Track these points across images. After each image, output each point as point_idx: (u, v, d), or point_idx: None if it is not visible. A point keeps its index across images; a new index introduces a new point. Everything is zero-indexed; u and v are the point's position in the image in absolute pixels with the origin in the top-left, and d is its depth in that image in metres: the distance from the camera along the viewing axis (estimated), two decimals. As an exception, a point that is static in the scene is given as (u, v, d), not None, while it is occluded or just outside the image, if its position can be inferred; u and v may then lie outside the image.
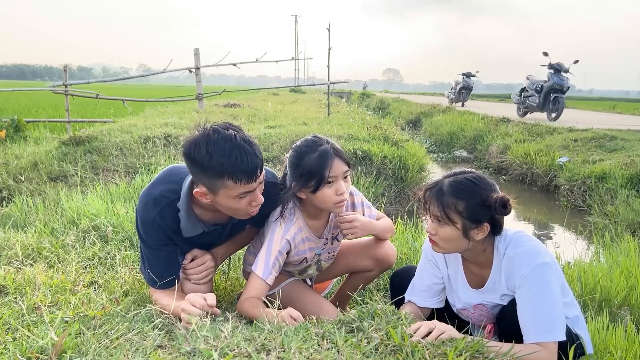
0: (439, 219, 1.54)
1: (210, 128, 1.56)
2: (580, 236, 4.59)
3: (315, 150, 1.70)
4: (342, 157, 1.71)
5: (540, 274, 1.47)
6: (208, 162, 1.51)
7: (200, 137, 1.54)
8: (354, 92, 36.11)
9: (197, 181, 1.61)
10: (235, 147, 1.52)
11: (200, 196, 1.62)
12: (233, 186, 1.55)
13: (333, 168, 1.68)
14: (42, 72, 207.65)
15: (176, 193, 1.71)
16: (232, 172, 1.52)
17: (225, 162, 1.51)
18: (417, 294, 1.79)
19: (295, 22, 67.70)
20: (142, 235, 1.74)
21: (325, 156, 1.68)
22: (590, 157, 6.40)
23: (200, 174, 1.57)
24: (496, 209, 1.48)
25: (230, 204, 1.61)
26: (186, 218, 1.72)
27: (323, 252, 2.00)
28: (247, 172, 1.53)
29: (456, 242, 1.55)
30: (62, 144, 5.39)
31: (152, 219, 1.69)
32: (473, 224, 1.51)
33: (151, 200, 1.70)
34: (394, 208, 4.99)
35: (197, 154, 1.53)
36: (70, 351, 1.33)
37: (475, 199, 1.50)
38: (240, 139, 1.54)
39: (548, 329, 1.43)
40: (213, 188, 1.58)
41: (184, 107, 10.04)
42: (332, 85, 9.34)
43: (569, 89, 10.48)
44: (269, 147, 5.58)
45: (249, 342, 1.34)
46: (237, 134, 1.55)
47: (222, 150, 1.51)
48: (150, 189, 1.74)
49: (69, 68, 8.66)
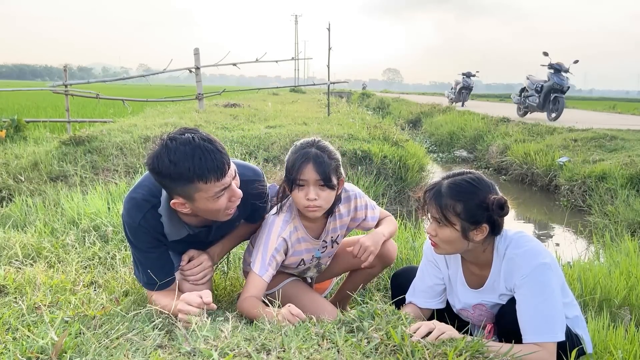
0: (438, 221, 1.55)
1: (167, 137, 1.54)
2: (580, 236, 4.59)
3: (299, 151, 1.71)
4: (318, 165, 1.68)
5: (540, 274, 1.47)
6: (174, 171, 1.50)
7: (160, 149, 1.52)
8: (354, 92, 36.10)
9: (170, 193, 1.60)
10: (196, 148, 1.50)
11: (178, 207, 1.60)
12: (206, 187, 1.53)
13: (304, 172, 1.68)
14: (42, 72, 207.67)
15: (157, 197, 1.69)
16: (200, 173, 1.50)
17: (190, 166, 1.49)
18: (418, 295, 1.79)
19: (295, 22, 67.70)
20: (131, 240, 1.73)
21: (301, 158, 1.68)
22: (590, 157, 6.40)
23: (171, 185, 1.55)
24: (494, 210, 1.48)
25: (209, 206, 1.59)
26: (169, 223, 1.70)
27: (323, 255, 1.99)
28: (214, 170, 1.51)
29: (456, 243, 1.55)
30: (62, 144, 5.39)
31: (137, 224, 1.67)
32: (472, 225, 1.51)
33: (134, 206, 1.68)
34: (394, 208, 4.99)
35: (162, 166, 1.51)
36: (70, 351, 1.33)
37: (473, 200, 1.50)
38: (199, 139, 1.52)
39: (547, 329, 1.43)
40: (188, 195, 1.56)
41: (184, 107, 10.04)
42: (332, 85, 9.33)
43: (569, 89, 10.47)
44: (269, 147, 5.58)
45: (249, 342, 1.34)
46: (195, 136, 1.53)
47: (184, 155, 1.49)
48: (132, 193, 1.72)
49: (69, 68, 8.66)
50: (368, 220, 2.01)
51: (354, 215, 1.97)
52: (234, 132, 6.25)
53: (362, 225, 2.03)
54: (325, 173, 1.69)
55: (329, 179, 1.70)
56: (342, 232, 2.00)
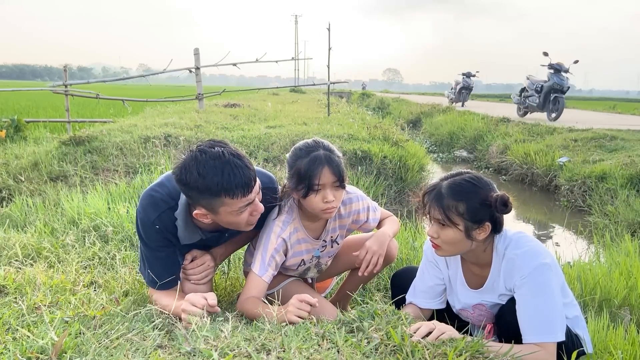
0: (441, 222, 1.54)
1: (196, 149, 1.55)
2: (580, 236, 4.59)
3: (307, 155, 1.68)
4: (333, 167, 1.68)
5: (540, 274, 1.47)
6: (202, 184, 1.51)
7: (189, 161, 1.53)
8: (354, 92, 36.10)
9: (194, 203, 1.61)
10: (225, 164, 1.51)
11: (200, 217, 1.62)
12: (231, 202, 1.55)
13: (321, 176, 1.66)
14: (42, 72, 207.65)
15: (175, 200, 1.70)
16: (227, 189, 1.51)
17: (218, 181, 1.50)
18: (418, 296, 1.79)
19: (295, 22, 67.70)
20: (142, 236, 1.74)
21: (315, 163, 1.66)
22: (590, 157, 6.40)
23: (196, 197, 1.56)
24: (497, 207, 1.48)
25: (232, 219, 1.61)
26: (184, 227, 1.71)
27: (323, 255, 1.99)
28: (242, 186, 1.53)
29: (459, 244, 1.55)
30: (62, 144, 5.39)
31: (151, 222, 1.68)
32: (475, 224, 1.51)
33: (151, 203, 1.70)
34: (394, 208, 4.99)
35: (190, 178, 1.52)
36: (70, 351, 1.33)
37: (475, 199, 1.50)
38: (229, 155, 1.53)
39: (547, 329, 1.43)
40: (212, 208, 1.57)
41: (184, 107, 10.04)
42: (332, 85, 9.34)
43: (569, 89, 10.47)
44: (269, 147, 5.58)
45: (249, 342, 1.34)
46: (224, 150, 1.54)
47: (214, 169, 1.50)
48: (150, 190, 1.73)
49: (69, 68, 8.66)
50: (369, 222, 2.01)
51: (355, 217, 1.97)
52: (234, 132, 6.25)
53: (363, 227, 2.03)
54: (340, 174, 1.70)
55: (343, 179, 1.72)
56: (342, 232, 2.00)
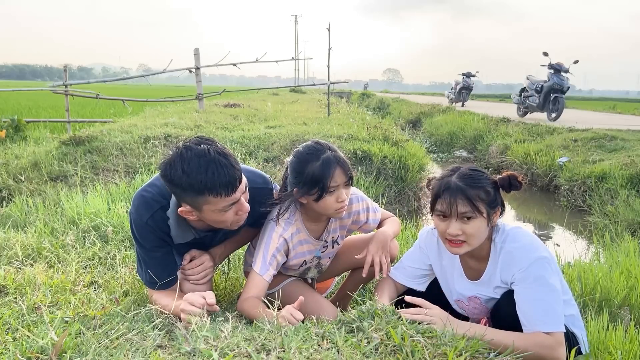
0: (466, 216, 1.53)
1: (182, 146, 1.54)
2: (580, 236, 4.59)
3: (318, 159, 1.68)
4: (343, 166, 1.71)
5: (540, 267, 1.49)
6: (186, 181, 1.50)
7: (175, 157, 1.52)
8: (354, 92, 36.09)
9: (179, 200, 1.60)
10: (210, 162, 1.50)
11: (185, 214, 1.61)
12: (215, 201, 1.54)
13: (335, 177, 1.68)
14: (42, 72, 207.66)
15: (167, 199, 1.69)
16: (211, 187, 1.50)
17: (202, 179, 1.49)
18: (399, 270, 1.87)
19: (295, 22, 67.71)
20: (137, 237, 1.73)
21: (328, 165, 1.67)
22: (590, 157, 6.40)
23: (181, 194, 1.56)
24: (511, 184, 1.57)
25: (216, 218, 1.60)
26: (176, 226, 1.71)
27: (324, 255, 2.00)
28: (225, 185, 1.52)
29: (483, 233, 1.57)
30: (62, 144, 5.39)
31: (145, 222, 1.67)
32: (492, 208, 1.56)
33: (143, 203, 1.69)
34: (394, 208, 4.99)
35: (174, 175, 1.51)
36: (70, 351, 1.33)
37: (487, 184, 1.56)
38: (214, 153, 1.52)
39: (553, 320, 1.44)
40: (196, 205, 1.57)
41: (184, 107, 10.04)
42: (332, 85, 9.33)
43: (569, 89, 10.47)
44: (269, 147, 5.58)
45: (249, 342, 1.34)
46: (210, 148, 1.52)
47: (198, 167, 1.49)
48: (142, 191, 1.72)
49: (69, 68, 8.66)
50: (369, 222, 2.01)
51: (355, 218, 1.97)
52: (234, 132, 6.25)
53: (363, 228, 2.03)
54: (350, 172, 1.73)
55: (352, 176, 1.75)
56: (343, 232, 2.00)
